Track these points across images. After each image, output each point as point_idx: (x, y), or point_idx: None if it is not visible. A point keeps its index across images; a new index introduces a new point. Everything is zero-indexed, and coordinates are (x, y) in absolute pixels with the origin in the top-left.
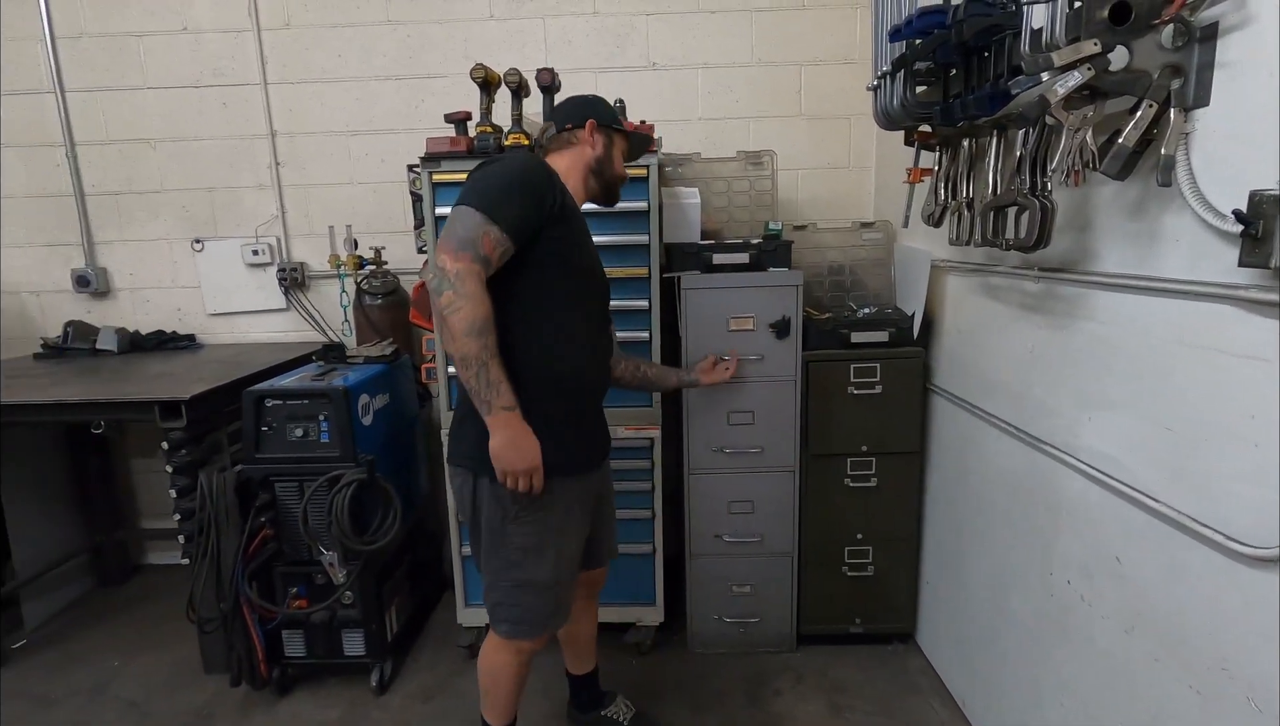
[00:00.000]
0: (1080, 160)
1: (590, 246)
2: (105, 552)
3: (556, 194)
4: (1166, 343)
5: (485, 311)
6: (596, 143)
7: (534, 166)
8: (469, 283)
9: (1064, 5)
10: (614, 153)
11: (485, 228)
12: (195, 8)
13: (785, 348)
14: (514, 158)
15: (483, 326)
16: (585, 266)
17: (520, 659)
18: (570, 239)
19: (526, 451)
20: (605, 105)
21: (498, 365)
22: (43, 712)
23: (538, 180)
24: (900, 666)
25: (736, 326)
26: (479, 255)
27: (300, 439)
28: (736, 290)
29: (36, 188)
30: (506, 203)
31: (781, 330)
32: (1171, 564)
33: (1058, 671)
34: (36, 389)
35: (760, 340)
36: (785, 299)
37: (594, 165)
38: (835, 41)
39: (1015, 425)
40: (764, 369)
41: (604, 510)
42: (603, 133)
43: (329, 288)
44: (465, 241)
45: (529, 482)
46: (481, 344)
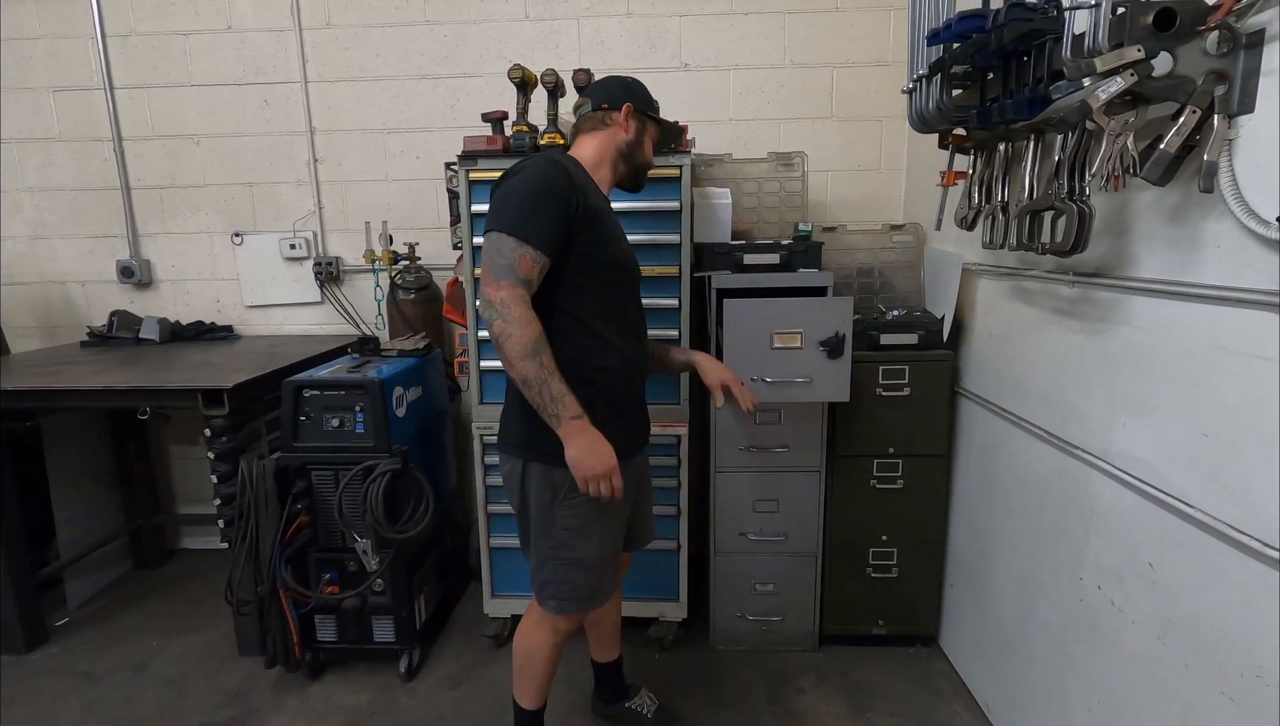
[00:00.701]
0: (1120, 165)
1: (620, 237)
2: (143, 536)
3: (579, 196)
4: (1205, 348)
5: (535, 332)
6: (630, 127)
7: (553, 174)
8: (515, 308)
9: (1107, 11)
10: (645, 139)
11: (520, 250)
12: (239, 8)
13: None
14: (533, 168)
15: (535, 347)
16: (617, 261)
17: (556, 639)
18: (599, 237)
19: (603, 454)
20: (643, 90)
21: (558, 380)
22: (87, 688)
23: (559, 187)
24: (923, 669)
25: (782, 343)
26: (519, 278)
27: (336, 429)
28: (777, 301)
29: (85, 181)
30: (534, 219)
31: (835, 348)
32: (1206, 569)
33: (1086, 676)
34: (84, 376)
35: (810, 360)
36: (841, 312)
37: (624, 149)
38: (868, 44)
39: (1047, 429)
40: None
41: (643, 496)
42: (637, 118)
43: (363, 282)
44: (504, 268)
45: (610, 486)
46: (538, 364)
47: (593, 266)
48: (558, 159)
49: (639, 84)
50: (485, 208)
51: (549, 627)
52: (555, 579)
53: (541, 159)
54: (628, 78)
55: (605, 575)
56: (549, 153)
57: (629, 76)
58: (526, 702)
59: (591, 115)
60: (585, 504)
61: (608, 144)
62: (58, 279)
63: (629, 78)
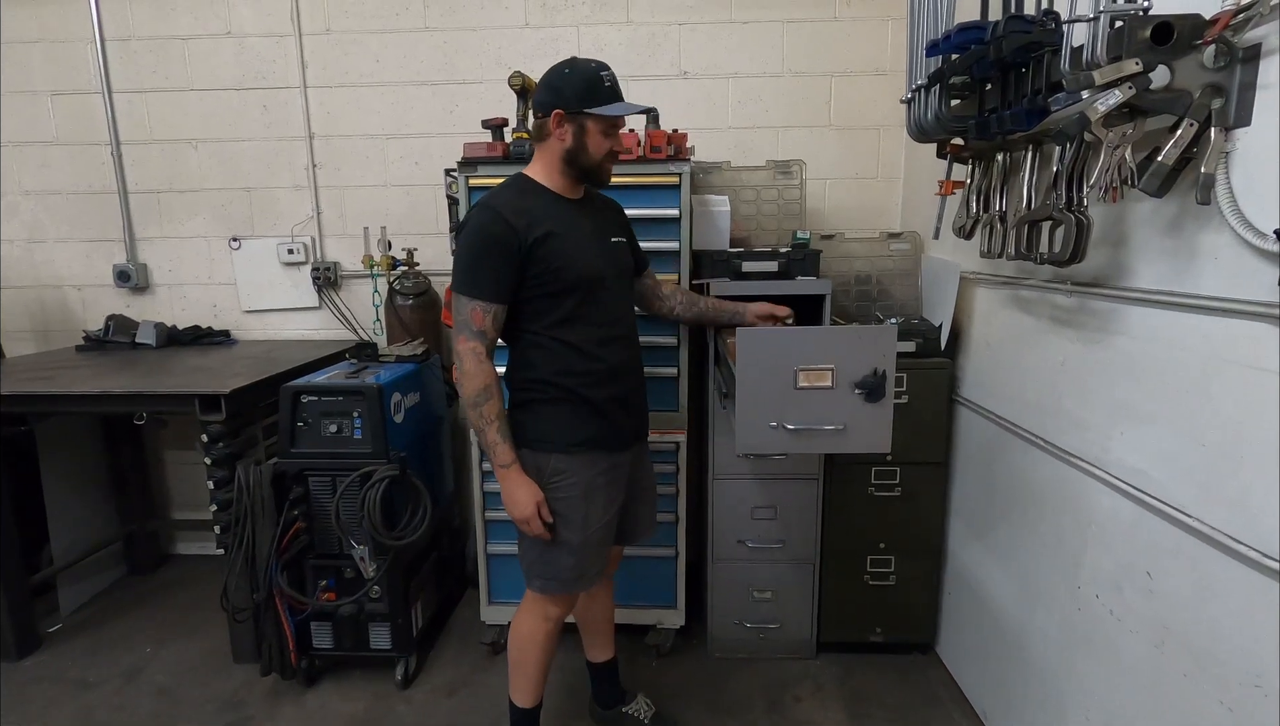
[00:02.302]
0: (1118, 177)
1: (581, 250)
2: (137, 541)
3: (519, 236)
4: (1202, 359)
5: (479, 385)
6: (565, 134)
7: (486, 225)
8: (467, 361)
9: (1105, 24)
10: (587, 139)
11: (471, 306)
12: (239, 12)
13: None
14: (471, 222)
15: (476, 398)
16: (576, 282)
17: (548, 627)
18: (553, 266)
19: (521, 503)
20: (575, 82)
21: (493, 430)
22: (80, 695)
23: (494, 237)
24: (921, 676)
25: (808, 382)
26: (473, 332)
27: (334, 434)
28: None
29: (83, 184)
30: (478, 273)
31: (873, 390)
32: (1204, 579)
33: (1084, 685)
34: (80, 380)
35: (842, 403)
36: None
37: (566, 156)
38: (866, 53)
39: (1044, 438)
40: None
41: (639, 491)
42: (571, 121)
43: (361, 287)
44: (461, 324)
45: (534, 528)
46: (478, 414)
47: (551, 292)
48: (491, 204)
49: (572, 74)
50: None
51: (540, 614)
52: (540, 559)
53: (477, 210)
54: (559, 73)
55: (588, 559)
56: (485, 197)
57: (563, 69)
58: (521, 700)
59: (536, 125)
60: (570, 488)
61: (551, 155)
62: (54, 282)
63: (561, 72)
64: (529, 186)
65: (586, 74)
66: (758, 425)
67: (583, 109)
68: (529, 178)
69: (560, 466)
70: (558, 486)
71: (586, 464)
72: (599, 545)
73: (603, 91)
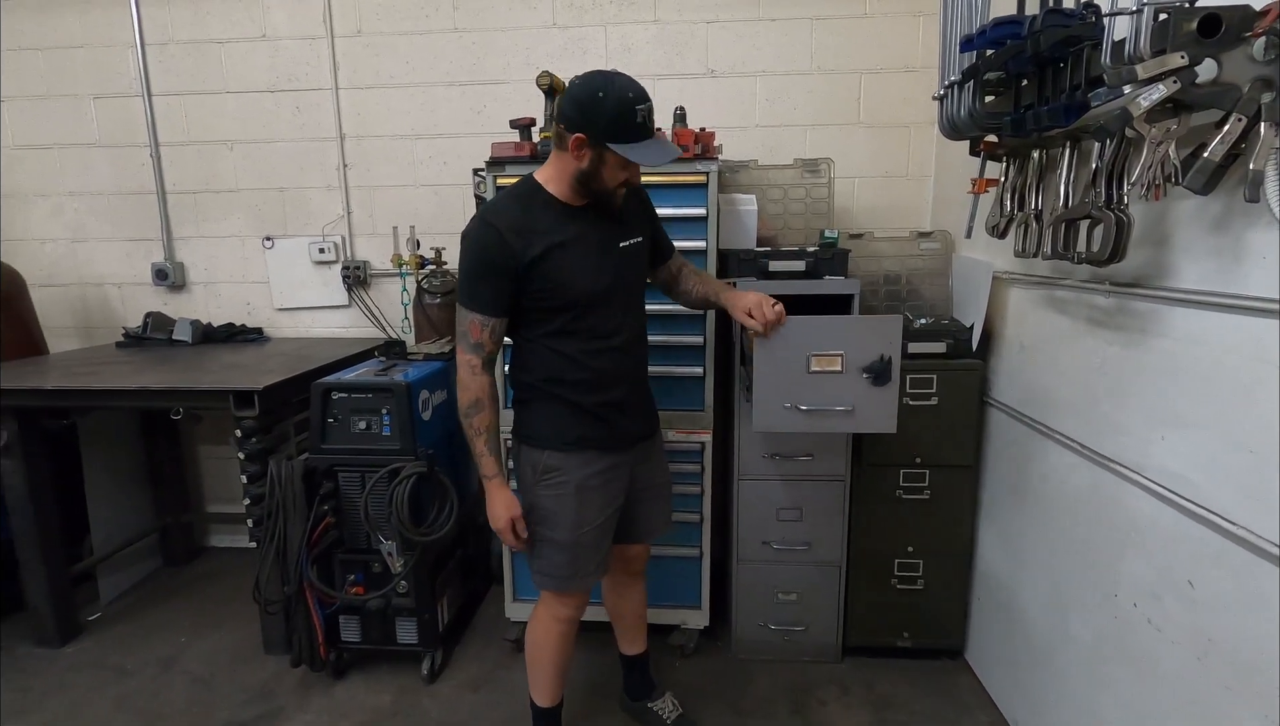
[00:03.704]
0: (1161, 174)
1: (582, 269)
2: (172, 534)
3: (513, 255)
4: (1249, 361)
5: (471, 398)
6: (583, 158)
7: (483, 240)
8: (462, 372)
9: (1149, 17)
10: (603, 169)
11: (469, 318)
12: (274, 16)
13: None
14: (470, 237)
15: (469, 410)
16: (573, 297)
17: (560, 627)
18: (551, 283)
19: (498, 515)
20: (609, 109)
21: (481, 442)
22: (119, 682)
23: (490, 254)
24: (949, 683)
25: (820, 366)
26: (470, 344)
27: (363, 431)
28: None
29: (123, 185)
30: (475, 286)
31: (880, 374)
32: (1249, 589)
33: (1120, 696)
34: (120, 376)
35: (851, 386)
36: (888, 333)
37: (579, 176)
38: (896, 50)
39: (1080, 442)
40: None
41: (646, 491)
42: (591, 149)
43: (390, 286)
44: (461, 335)
45: (509, 538)
46: (468, 424)
47: (547, 307)
48: (491, 220)
49: (606, 102)
50: None
51: (550, 615)
52: (536, 555)
53: (477, 223)
54: (593, 95)
55: (581, 558)
56: (487, 209)
57: (598, 91)
58: (541, 699)
59: (556, 131)
60: (561, 486)
61: (565, 169)
62: (95, 281)
63: (595, 94)
64: (535, 195)
65: (621, 105)
66: (773, 405)
67: (606, 142)
68: (537, 184)
69: (553, 463)
70: (550, 483)
71: (580, 463)
72: (594, 545)
73: (633, 128)
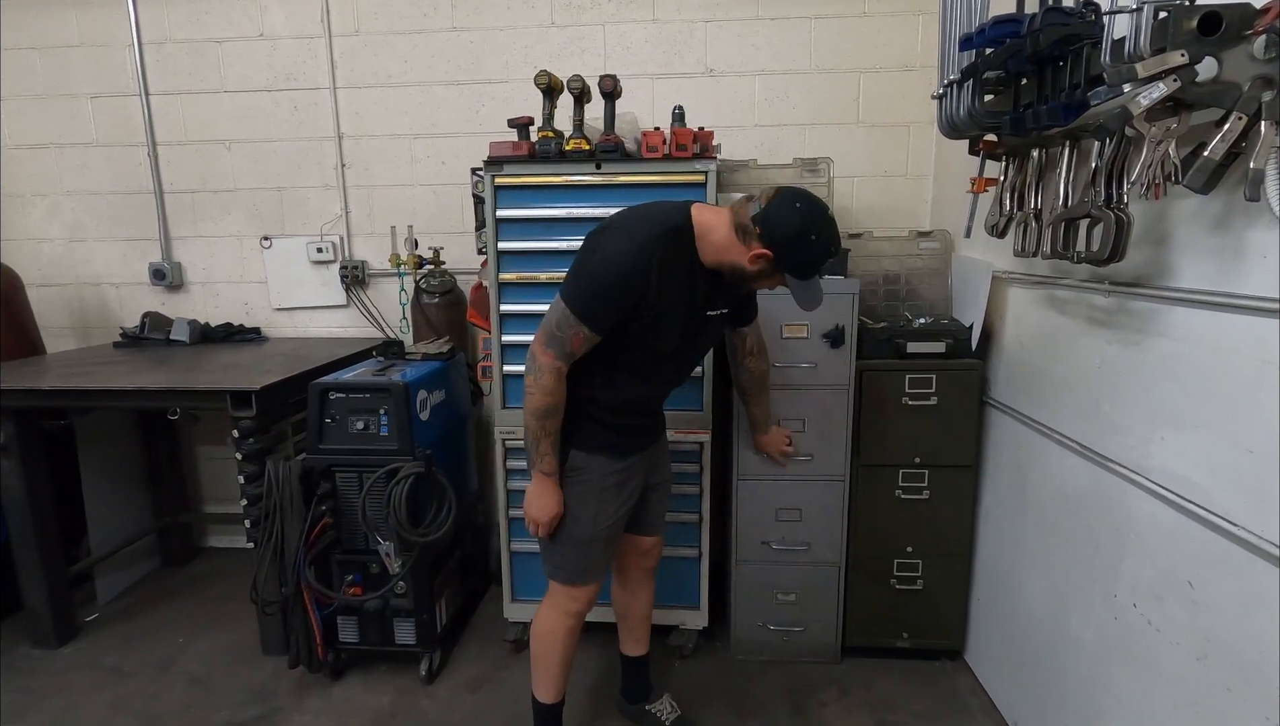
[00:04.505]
0: (1162, 173)
1: (673, 328)
2: (170, 534)
3: (648, 292)
4: (1250, 362)
5: (553, 402)
6: (755, 263)
7: (634, 264)
8: (547, 377)
9: (1149, 15)
10: (763, 280)
11: (577, 328)
12: (271, 15)
13: (839, 357)
14: (618, 246)
15: (546, 413)
16: (650, 348)
17: (568, 622)
18: (654, 327)
19: (546, 507)
20: (811, 255)
21: (548, 442)
22: (117, 683)
23: (634, 281)
24: (948, 683)
25: (790, 333)
26: (564, 352)
27: (361, 431)
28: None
29: (120, 185)
30: (599, 304)
31: (835, 339)
32: (1250, 590)
33: (1120, 697)
34: (117, 376)
35: (813, 349)
36: (840, 307)
37: (734, 268)
38: (895, 49)
39: (1080, 442)
40: (816, 377)
41: (655, 489)
42: (767, 265)
43: (388, 286)
44: (555, 338)
45: (540, 530)
46: (541, 425)
47: (630, 349)
48: (647, 244)
49: (814, 248)
50: (511, 213)
51: (560, 610)
52: (551, 549)
53: (629, 239)
54: (805, 233)
55: (595, 554)
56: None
57: (810, 233)
58: (543, 695)
59: (743, 212)
60: (585, 485)
61: (727, 248)
62: (92, 281)
63: (808, 234)
64: (684, 239)
65: (821, 254)
66: None
67: (788, 272)
68: (691, 230)
69: (577, 463)
70: (574, 481)
71: (601, 464)
72: (608, 542)
73: (811, 271)
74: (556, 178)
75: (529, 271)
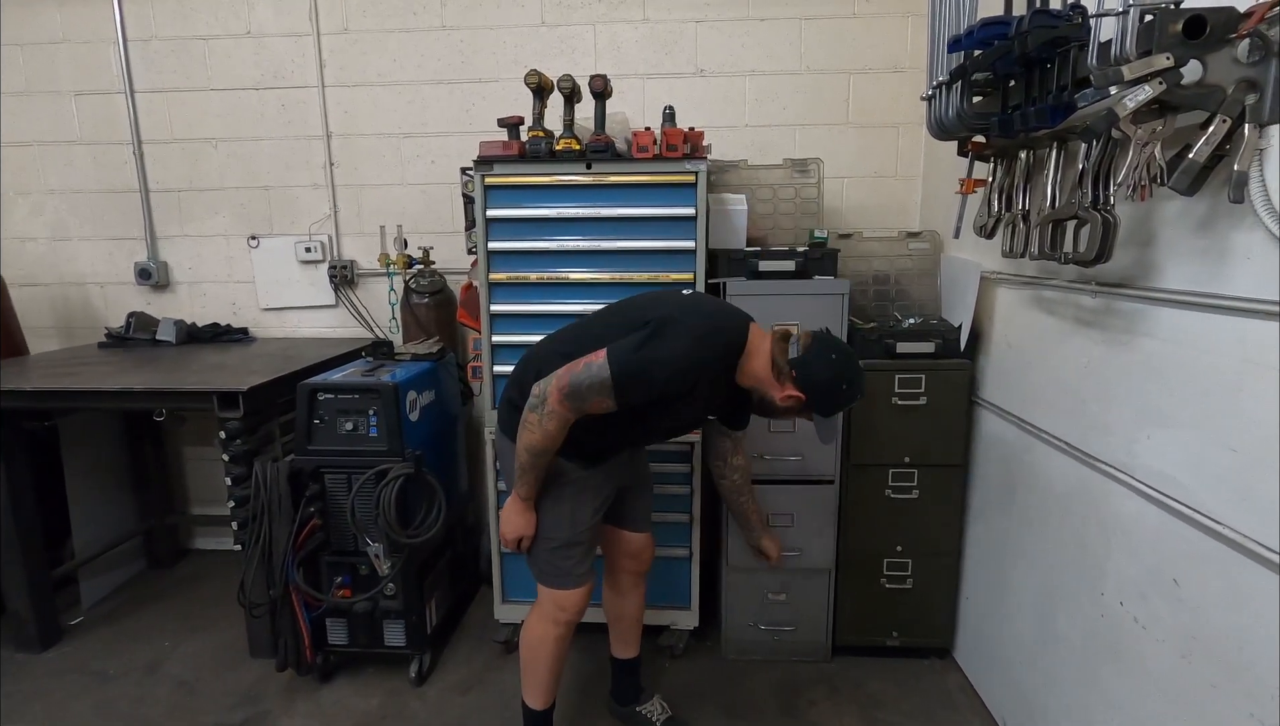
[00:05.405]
0: (1147, 174)
1: (686, 413)
2: (156, 536)
3: (688, 388)
4: (1233, 362)
5: (550, 446)
6: (786, 402)
7: (686, 373)
8: (554, 423)
9: (1135, 18)
10: (790, 413)
11: (607, 398)
12: (259, 13)
13: None
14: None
15: (541, 453)
16: (656, 426)
17: (557, 630)
18: (664, 409)
19: (518, 526)
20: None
21: (535, 474)
22: (101, 687)
23: (683, 383)
24: (938, 682)
25: None
26: (579, 408)
27: (350, 432)
28: (780, 297)
29: (105, 183)
30: (641, 389)
31: None
32: (1234, 588)
33: (1107, 694)
34: (101, 377)
35: None
36: (830, 307)
37: (764, 397)
38: (885, 50)
39: (1067, 441)
40: None
41: (632, 488)
42: (798, 405)
43: (377, 285)
44: (578, 394)
45: (511, 546)
46: (533, 460)
47: (635, 417)
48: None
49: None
50: (501, 212)
51: (549, 617)
52: (533, 555)
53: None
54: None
55: (575, 556)
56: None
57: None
58: (533, 701)
59: (781, 353)
60: (556, 488)
61: (764, 382)
62: (76, 280)
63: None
64: (733, 358)
65: (846, 401)
66: None
67: (814, 411)
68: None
69: (553, 468)
70: (549, 485)
71: (573, 469)
72: (589, 543)
73: (836, 412)
74: (547, 177)
75: (519, 271)
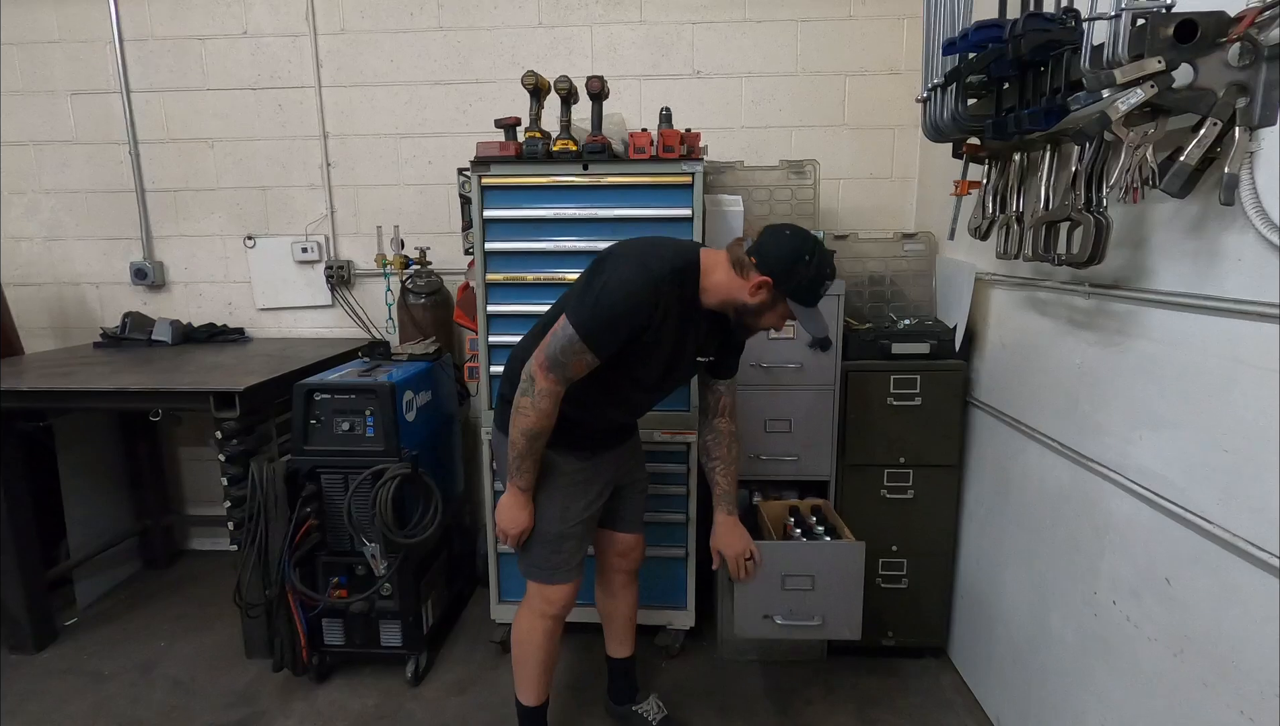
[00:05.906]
0: (1140, 177)
1: (659, 359)
2: (152, 536)
3: (653, 322)
4: (1225, 362)
5: (547, 425)
6: (757, 295)
7: (644, 291)
8: (545, 401)
9: (1127, 22)
10: (768, 313)
11: (582, 354)
12: (256, 13)
13: (825, 358)
14: (630, 280)
15: (538, 434)
16: (638, 380)
17: (546, 624)
18: (643, 357)
19: (517, 519)
20: (808, 275)
21: (532, 460)
22: (97, 687)
23: (642, 308)
24: (932, 681)
25: (776, 334)
26: (566, 377)
27: (346, 432)
28: None
29: (101, 183)
30: (607, 333)
31: (823, 344)
32: (1225, 587)
33: (1100, 692)
34: (97, 377)
35: (800, 350)
36: (826, 308)
37: (737, 305)
38: (881, 52)
39: (1061, 442)
40: (803, 377)
41: (628, 488)
42: (769, 293)
43: (374, 286)
44: (558, 363)
45: (512, 541)
46: (529, 445)
47: (615, 369)
48: (662, 275)
49: (809, 268)
50: (498, 213)
51: (536, 611)
52: (525, 547)
53: (643, 269)
54: (799, 253)
55: (566, 551)
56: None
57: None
58: (526, 698)
59: (737, 249)
60: (548, 480)
61: (728, 287)
62: (72, 280)
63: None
64: (690, 277)
65: (819, 276)
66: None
67: (790, 297)
68: (697, 269)
69: (545, 460)
70: (541, 477)
71: (566, 461)
72: (580, 538)
73: (813, 296)
74: (543, 178)
75: (516, 272)
